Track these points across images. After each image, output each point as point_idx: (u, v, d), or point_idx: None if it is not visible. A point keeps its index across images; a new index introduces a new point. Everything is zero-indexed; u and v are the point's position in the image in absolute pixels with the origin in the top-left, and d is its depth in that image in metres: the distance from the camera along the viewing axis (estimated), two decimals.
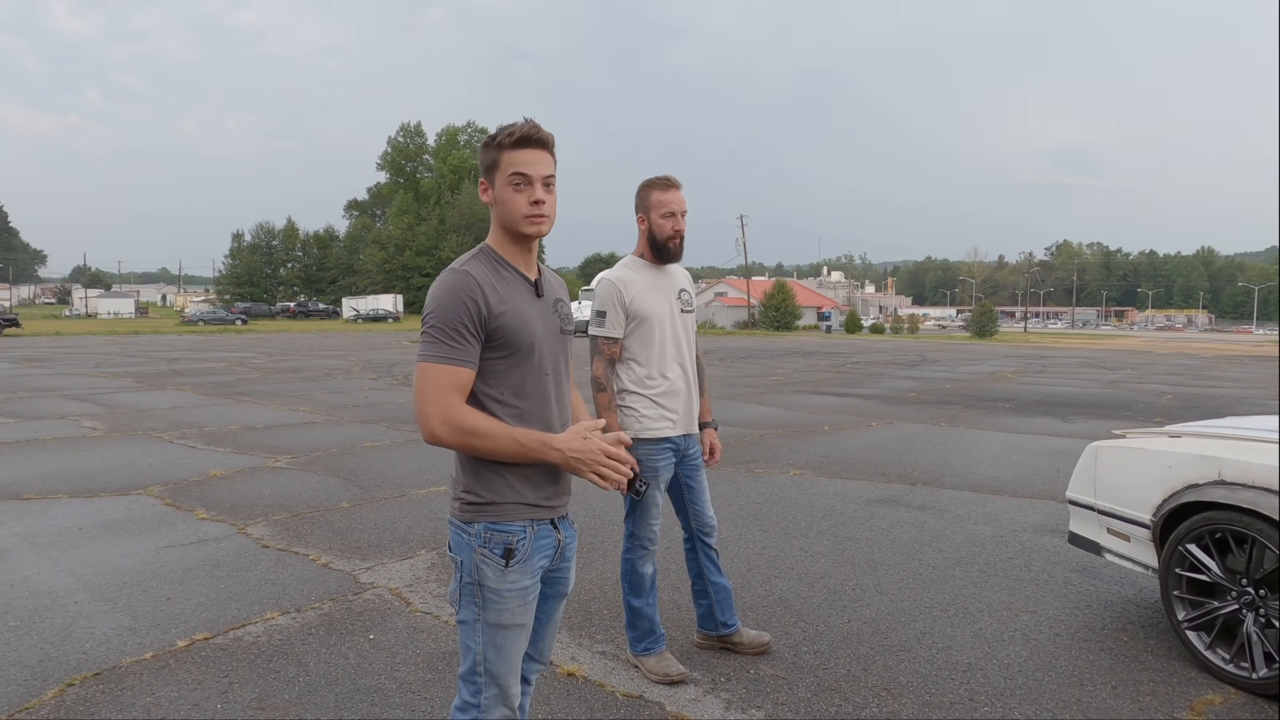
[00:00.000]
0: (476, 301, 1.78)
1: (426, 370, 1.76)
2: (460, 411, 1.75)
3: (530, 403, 1.86)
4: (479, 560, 1.82)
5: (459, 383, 1.76)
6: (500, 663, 1.86)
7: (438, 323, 1.76)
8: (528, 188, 1.82)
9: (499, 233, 1.90)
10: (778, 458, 7.74)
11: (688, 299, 3.13)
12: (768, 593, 4.04)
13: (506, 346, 1.82)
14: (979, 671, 3.18)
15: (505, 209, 1.84)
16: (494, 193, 1.87)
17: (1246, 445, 3.22)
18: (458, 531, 1.85)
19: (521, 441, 1.77)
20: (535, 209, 1.82)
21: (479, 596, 1.83)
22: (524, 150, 1.81)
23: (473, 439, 1.75)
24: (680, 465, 3.12)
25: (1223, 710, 2.90)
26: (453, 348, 1.76)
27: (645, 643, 3.11)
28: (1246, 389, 16.22)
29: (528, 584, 1.85)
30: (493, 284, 1.82)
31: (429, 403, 1.74)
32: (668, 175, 3.01)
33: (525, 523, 1.84)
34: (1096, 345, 43.72)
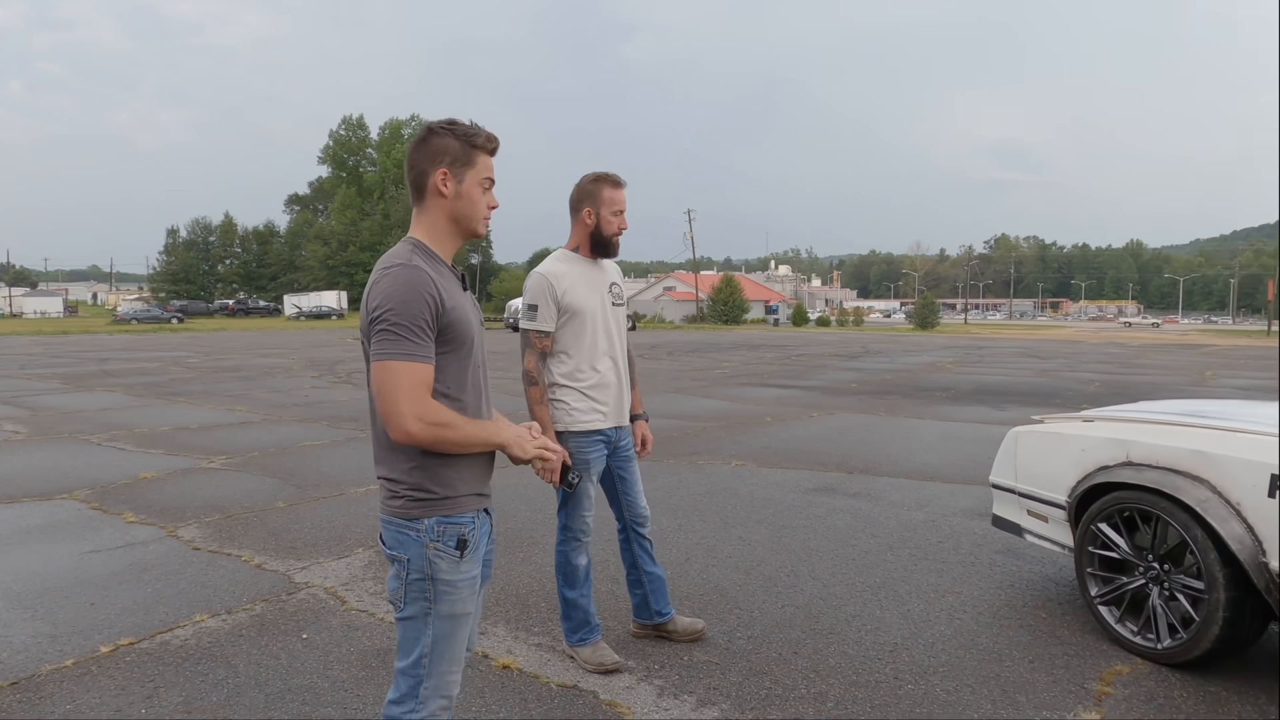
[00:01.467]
0: (435, 297, 1.80)
1: (395, 368, 1.74)
2: (433, 407, 1.77)
3: (470, 395, 1.90)
4: (432, 555, 1.83)
5: (427, 379, 1.78)
6: (448, 652, 1.89)
7: (401, 319, 1.75)
8: (490, 191, 1.91)
9: (441, 226, 1.91)
10: (720, 449, 7.83)
11: (618, 293, 3.16)
12: (704, 581, 4.10)
13: (454, 341, 1.85)
14: (905, 651, 3.29)
15: (470, 207, 1.90)
16: (459, 188, 1.89)
17: (1153, 428, 3.38)
18: (400, 529, 1.84)
19: (483, 428, 1.84)
20: (490, 213, 1.92)
21: (430, 590, 1.84)
22: (491, 158, 1.91)
23: (445, 432, 1.77)
24: (612, 457, 3.15)
25: (1129, 679, 3.05)
26: (418, 344, 1.76)
27: (580, 633, 3.14)
28: (1169, 376, 16.94)
29: (476, 573, 1.91)
30: (439, 280, 1.84)
31: (403, 401, 1.73)
32: (615, 174, 3.03)
33: (474, 513, 1.88)
34: (1032, 336, 45.11)
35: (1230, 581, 2.92)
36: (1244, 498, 2.90)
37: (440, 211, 1.91)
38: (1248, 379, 16.74)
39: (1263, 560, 2.83)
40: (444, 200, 1.89)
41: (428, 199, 1.90)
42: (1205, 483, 3.03)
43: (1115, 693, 2.94)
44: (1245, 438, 3.03)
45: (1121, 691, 2.95)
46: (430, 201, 1.90)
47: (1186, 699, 2.90)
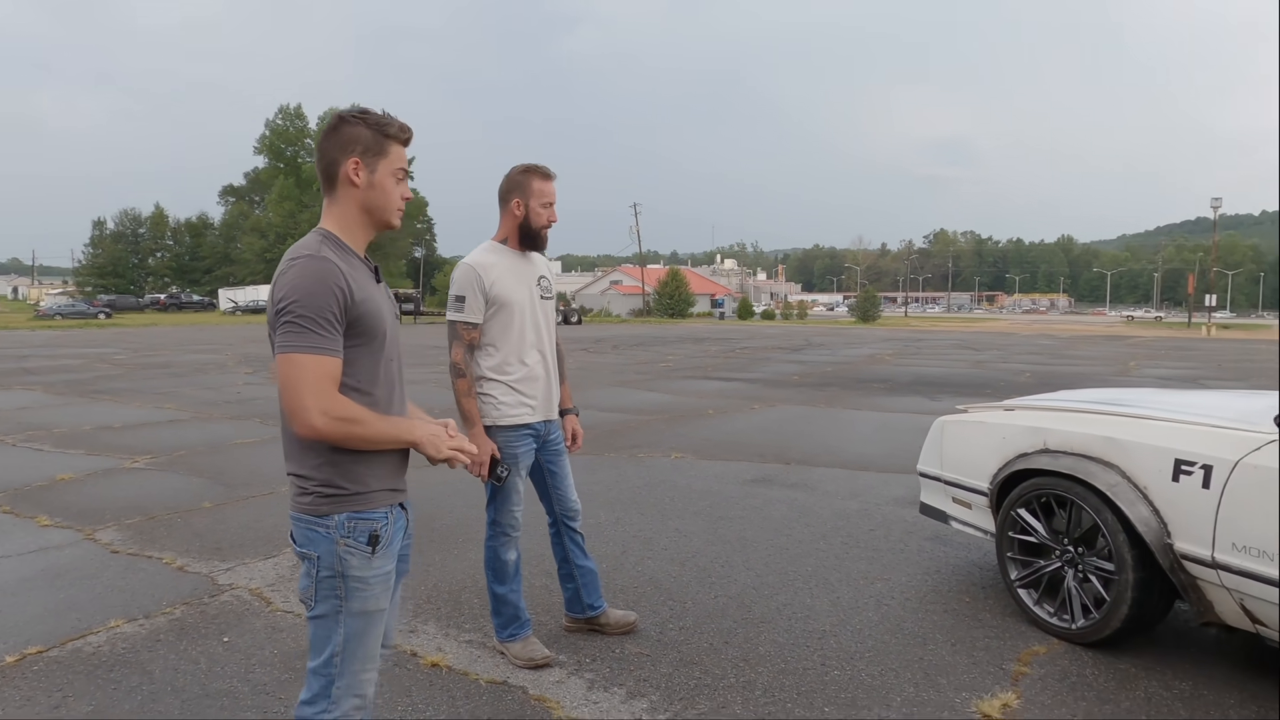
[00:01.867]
0: (343, 289, 1.76)
1: (300, 361, 1.70)
2: (340, 402, 1.73)
3: (381, 390, 1.87)
4: (342, 551, 1.80)
5: (333, 373, 1.74)
6: (360, 650, 1.86)
7: (306, 311, 1.71)
8: (404, 182, 1.88)
9: (353, 217, 1.88)
10: (661, 442, 7.86)
11: (547, 285, 3.13)
12: (639, 573, 4.11)
13: (365, 334, 1.81)
14: (833, 637, 3.34)
15: (384, 198, 1.87)
16: (372, 178, 1.85)
17: (1068, 416, 3.50)
18: (310, 526, 1.81)
19: (395, 425, 1.81)
20: (404, 204, 1.89)
21: (341, 588, 1.81)
22: (404, 148, 1.87)
23: (353, 427, 1.74)
24: (541, 451, 3.13)
25: (1045, 659, 3.15)
26: (324, 337, 1.73)
27: (510, 629, 3.11)
28: (1095, 366, 17.58)
29: (390, 568, 1.88)
30: (349, 271, 1.80)
31: (308, 395, 1.70)
32: (545, 165, 3.00)
33: (387, 508, 1.85)
34: (969, 328, 46.36)
35: (1138, 562, 3.04)
36: (1150, 482, 3.02)
37: (352, 202, 1.87)
38: (1168, 369, 17.48)
39: (1168, 542, 2.95)
40: (356, 190, 1.86)
41: (339, 189, 1.86)
42: (1115, 468, 3.14)
43: (1031, 672, 3.04)
44: (1152, 424, 3.15)
45: (1037, 671, 3.05)
46: (341, 191, 1.87)
47: (1098, 676, 3.01)
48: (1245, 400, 3.37)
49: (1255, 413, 2.99)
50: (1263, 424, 2.86)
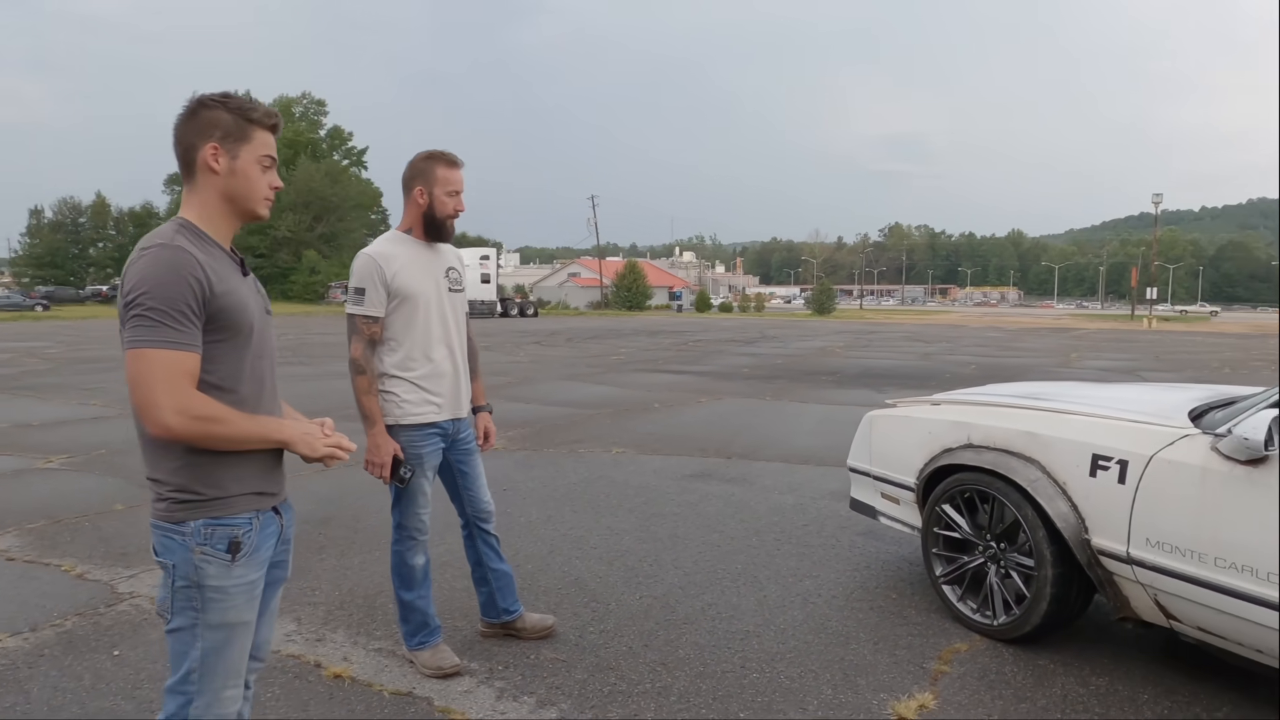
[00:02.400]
0: (200, 280, 1.64)
1: (151, 357, 1.59)
2: (197, 398, 1.62)
3: (248, 388, 1.76)
4: (198, 560, 1.68)
5: (190, 369, 1.63)
6: (221, 666, 1.74)
7: (158, 304, 1.59)
8: (272, 170, 1.79)
9: (214, 206, 1.76)
10: (603, 436, 7.75)
11: (456, 278, 3.00)
12: (565, 574, 4.00)
13: (228, 329, 1.70)
14: (755, 638, 3.27)
15: (247, 186, 1.76)
16: (233, 165, 1.74)
17: (992, 411, 3.47)
18: (166, 534, 1.70)
19: (262, 424, 1.71)
20: (273, 193, 1.80)
21: (198, 599, 1.70)
22: (272, 135, 1.78)
23: (213, 426, 1.63)
24: (450, 451, 2.99)
25: (966, 657, 3.12)
26: (178, 330, 1.61)
27: (419, 637, 2.98)
28: (1039, 358, 17.93)
29: (255, 577, 1.76)
30: (208, 262, 1.68)
31: (160, 392, 1.58)
32: (451, 152, 2.86)
33: (250, 514, 1.74)
34: (921, 320, 47.08)
35: (1057, 558, 3.02)
36: (1069, 477, 3.00)
37: (212, 189, 1.75)
38: (1108, 360, 17.90)
39: (1085, 537, 2.93)
40: (215, 178, 1.74)
41: (198, 176, 1.75)
42: (1036, 463, 3.12)
43: (951, 671, 3.00)
44: (1071, 419, 3.13)
45: (957, 669, 3.02)
46: (200, 179, 1.75)
47: (1017, 674, 2.98)
48: (1166, 394, 3.38)
49: (1172, 407, 2.99)
50: (1177, 418, 2.85)
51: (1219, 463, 2.57)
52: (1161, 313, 66.28)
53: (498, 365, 14.88)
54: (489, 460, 6.59)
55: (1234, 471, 2.52)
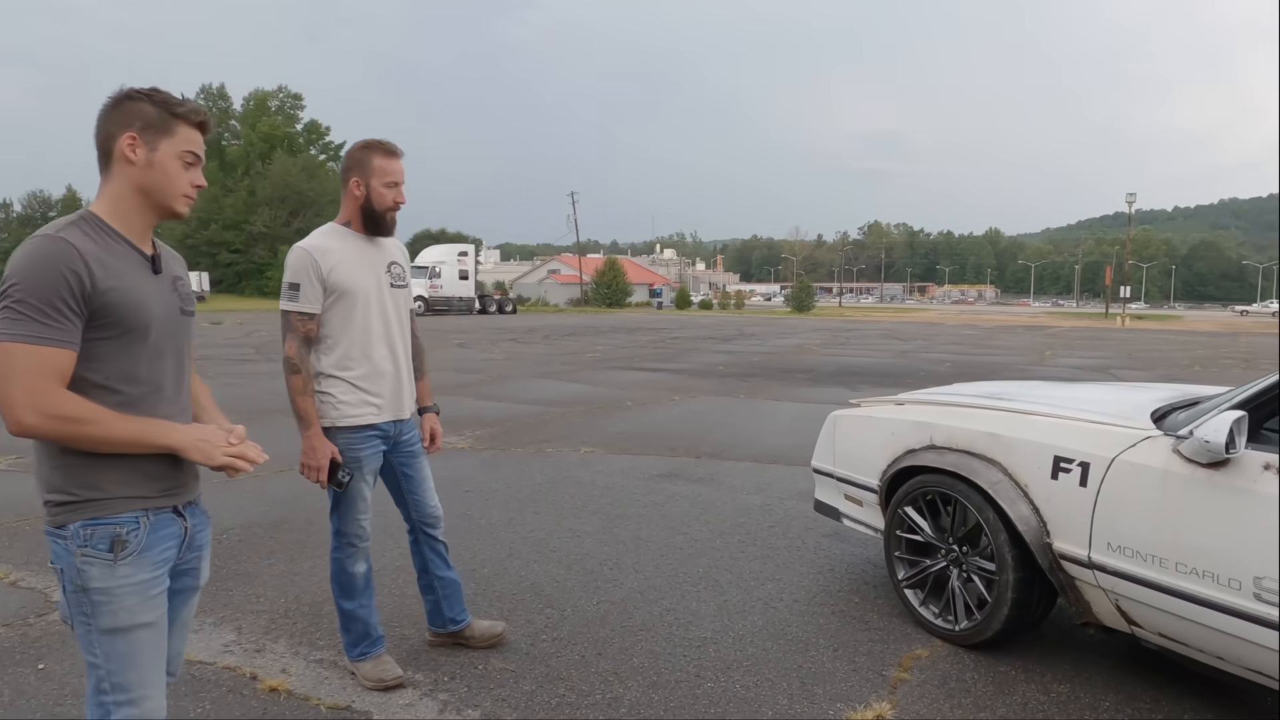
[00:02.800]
0: (78, 274, 1.55)
1: (11, 351, 1.50)
2: (60, 397, 1.53)
3: (142, 388, 1.66)
4: (80, 563, 1.61)
5: (57, 366, 1.53)
6: (131, 672, 1.65)
7: (26, 296, 1.51)
8: (196, 168, 1.73)
9: (127, 198, 1.68)
10: (572, 435, 7.64)
11: (399, 273, 2.87)
12: (522, 578, 3.89)
13: (116, 326, 1.61)
14: (713, 645, 3.18)
15: (164, 180, 1.67)
16: (151, 157, 1.66)
17: (955, 411, 3.40)
18: (52, 538, 1.64)
19: (144, 427, 1.61)
20: (195, 192, 1.73)
21: (86, 604, 1.62)
22: (199, 133, 1.73)
23: (80, 428, 1.54)
24: (393, 453, 2.87)
25: (927, 664, 3.05)
26: (47, 325, 1.52)
27: (361, 647, 2.86)
28: (1014, 356, 18.01)
29: (146, 578, 1.66)
30: (98, 256, 1.59)
31: (18, 389, 1.49)
32: (389, 141, 2.74)
33: (137, 513, 1.65)
34: (899, 318, 47.32)
35: (1018, 562, 2.95)
36: (1031, 480, 2.93)
37: (125, 181, 1.67)
38: (1082, 358, 18.02)
39: (1047, 541, 2.87)
40: (131, 168, 1.66)
41: (114, 166, 1.67)
42: (998, 465, 3.05)
43: (911, 678, 2.93)
44: (1034, 420, 3.06)
45: (917, 677, 2.94)
46: (116, 169, 1.67)
47: (977, 681, 2.91)
48: (1130, 394, 3.32)
49: (1135, 408, 2.93)
50: (1140, 420, 2.79)
51: (1181, 465, 2.50)
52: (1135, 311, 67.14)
53: (471, 363, 14.71)
54: (454, 460, 6.51)
55: (1195, 474, 2.46)
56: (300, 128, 78.74)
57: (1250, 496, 2.33)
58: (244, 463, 1.67)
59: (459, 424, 8.13)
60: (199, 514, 1.82)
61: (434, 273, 40.42)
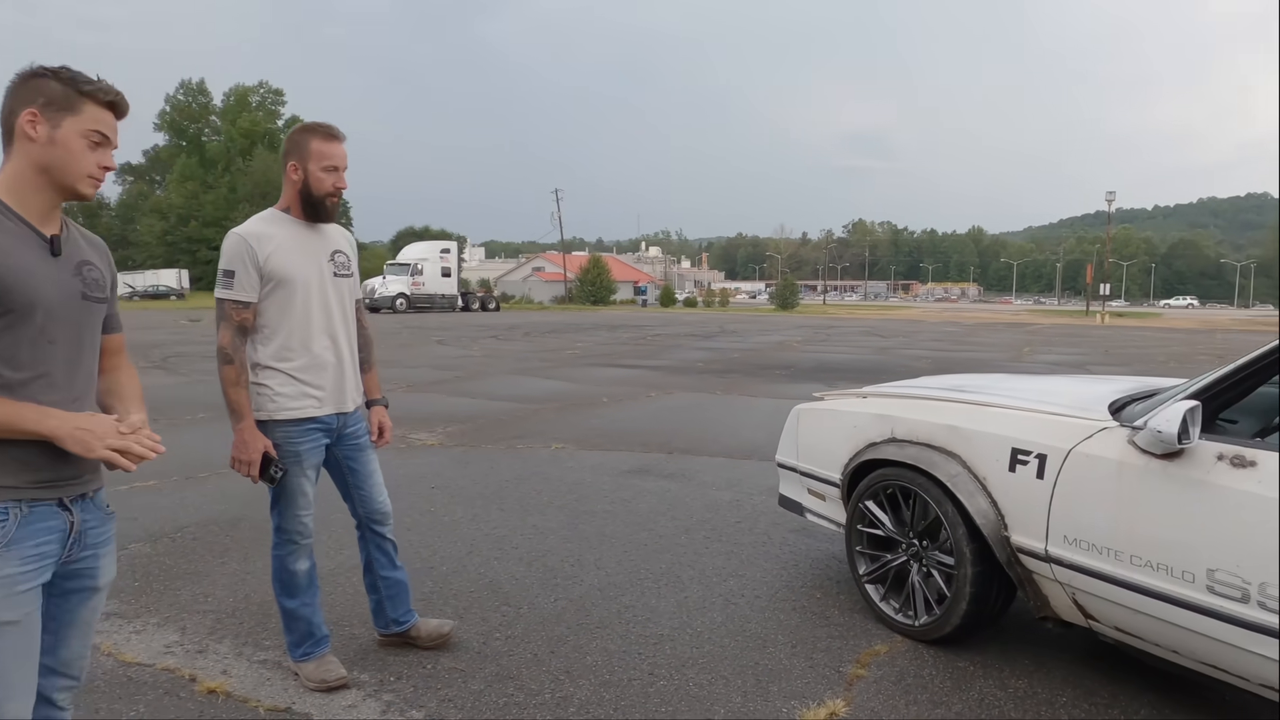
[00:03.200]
0: None
1: None
2: None
3: (24, 374, 1.58)
4: None
5: None
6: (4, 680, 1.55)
7: None
8: (104, 149, 1.67)
9: (26, 176, 1.61)
10: (545, 432, 7.56)
11: (344, 262, 2.78)
12: (481, 575, 3.81)
13: None
14: (669, 643, 3.12)
15: (65, 159, 1.61)
16: (53, 134, 1.60)
17: (916, 404, 3.35)
18: None
19: (8, 409, 1.52)
20: (102, 174, 1.67)
21: None
22: (109, 113, 1.67)
23: None
24: (337, 447, 2.79)
25: (885, 659, 3.00)
26: None
27: (304, 647, 2.78)
28: (992, 353, 18.09)
29: (13, 571, 1.55)
30: None
31: None
32: (330, 124, 2.66)
33: (6, 503, 1.55)
34: (882, 315, 47.49)
35: (977, 556, 2.91)
36: (989, 472, 2.89)
37: (25, 158, 1.61)
38: (1059, 354, 18.12)
39: (1005, 534, 2.82)
40: (31, 146, 1.60)
41: (14, 142, 1.61)
42: (957, 458, 3.00)
43: (868, 675, 2.88)
44: (993, 412, 3.02)
45: (874, 674, 2.89)
46: (16, 145, 1.61)
47: (935, 676, 2.87)
48: (1089, 386, 3.29)
49: (1093, 399, 2.89)
50: (1097, 411, 2.75)
51: (1136, 456, 2.46)
52: (1115, 308, 67.74)
53: (448, 360, 14.59)
54: (424, 457, 6.42)
55: (1150, 466, 2.42)
56: (282, 123, 77.97)
57: (1204, 488, 2.29)
58: (125, 460, 1.56)
59: (431, 421, 8.03)
60: (94, 509, 1.71)
61: (416, 270, 40.19)
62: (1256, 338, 27.79)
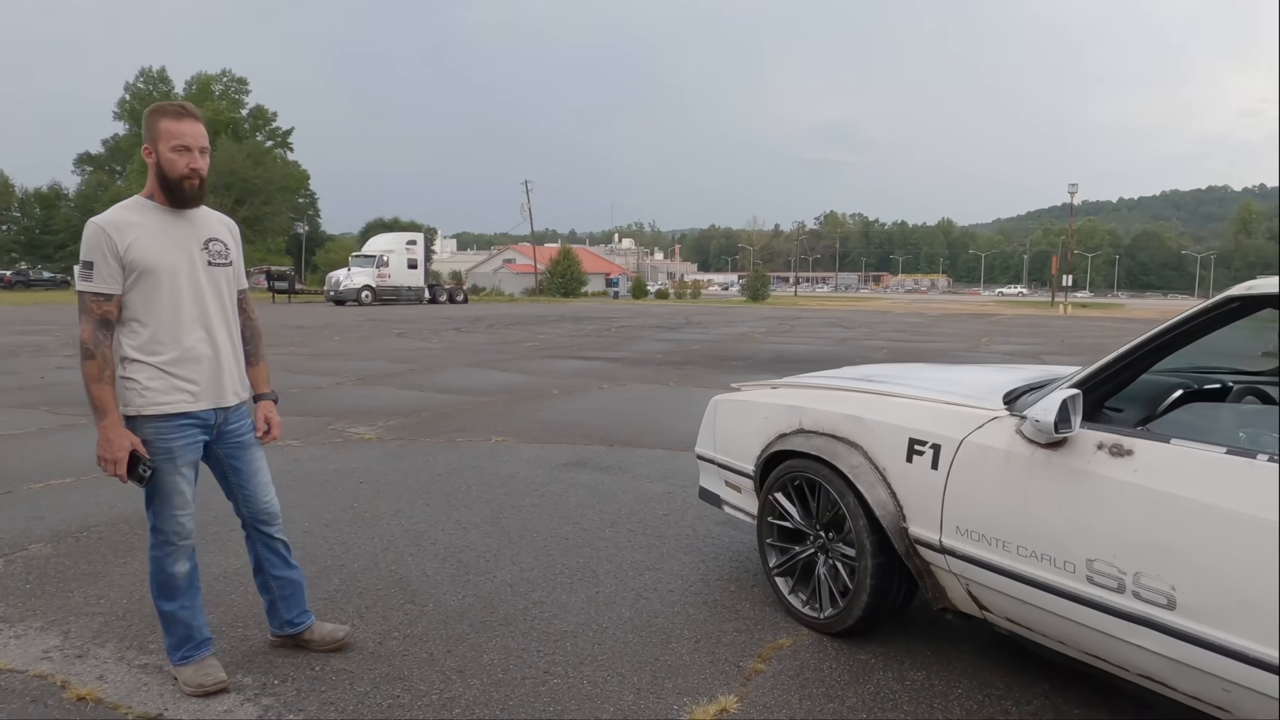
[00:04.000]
0: None
1: None
2: None
3: None
4: None
5: None
6: None
7: None
8: None
9: None
10: (488, 425, 7.46)
11: (221, 250, 2.67)
12: (392, 573, 3.72)
13: None
14: (572, 639, 3.06)
15: None
16: None
17: (825, 394, 3.31)
18: None
19: None
20: None
21: None
22: None
23: None
24: (218, 444, 2.68)
25: (788, 653, 2.96)
26: None
27: (183, 650, 2.68)
28: (951, 343, 18.24)
29: None
30: None
31: None
32: (182, 103, 2.54)
33: None
34: (851, 306, 47.78)
35: (877, 548, 2.88)
36: (889, 463, 2.86)
37: None
38: (1015, 345, 18.32)
39: (903, 526, 2.80)
40: None
41: None
42: (859, 448, 2.97)
43: (767, 669, 2.84)
44: (894, 401, 2.99)
45: (774, 668, 2.85)
46: None
47: (834, 670, 2.84)
48: (992, 375, 3.27)
49: (990, 388, 2.86)
50: (991, 400, 2.72)
51: (1022, 446, 2.44)
52: (1079, 299, 68.75)
53: (404, 353, 14.41)
54: (357, 452, 6.30)
55: (1035, 455, 2.40)
56: (246, 113, 76.61)
57: (1084, 477, 2.27)
58: None
59: (373, 414, 7.90)
60: None
61: (381, 262, 39.69)
62: None
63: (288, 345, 15.52)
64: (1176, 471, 2.09)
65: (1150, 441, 2.19)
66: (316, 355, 13.69)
